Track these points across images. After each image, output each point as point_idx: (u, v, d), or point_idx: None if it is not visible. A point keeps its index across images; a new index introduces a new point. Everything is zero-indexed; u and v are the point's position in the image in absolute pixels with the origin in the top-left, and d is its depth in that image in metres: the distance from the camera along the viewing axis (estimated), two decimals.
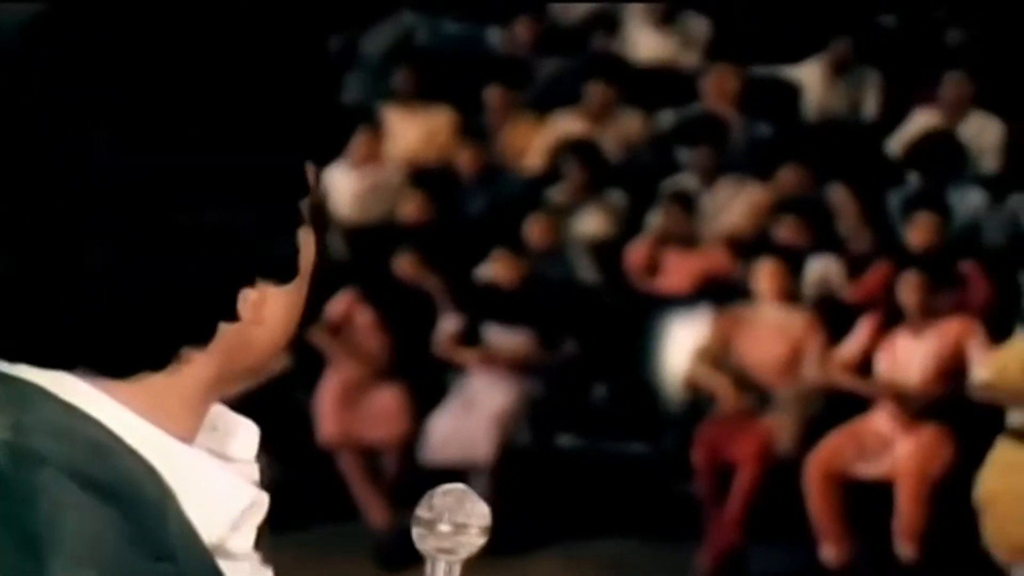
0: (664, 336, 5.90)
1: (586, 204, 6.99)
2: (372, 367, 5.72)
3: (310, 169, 0.94)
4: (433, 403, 5.71)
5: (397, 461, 5.66)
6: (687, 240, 6.39)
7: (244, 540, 0.94)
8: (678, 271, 6.23)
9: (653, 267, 6.38)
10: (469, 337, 5.75)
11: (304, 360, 5.89)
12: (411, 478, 5.65)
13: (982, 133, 7.18)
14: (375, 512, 5.58)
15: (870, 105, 8.03)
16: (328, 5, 8.81)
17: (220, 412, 0.99)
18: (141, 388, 0.90)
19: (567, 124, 7.80)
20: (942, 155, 6.67)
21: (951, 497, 4.98)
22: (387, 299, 5.80)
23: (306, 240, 0.94)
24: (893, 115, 7.67)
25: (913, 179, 6.98)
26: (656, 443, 5.65)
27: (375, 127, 7.67)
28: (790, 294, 5.53)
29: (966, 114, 7.22)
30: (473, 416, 5.57)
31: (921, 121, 7.37)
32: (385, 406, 5.67)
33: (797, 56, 8.25)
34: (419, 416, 5.68)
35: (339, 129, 1.00)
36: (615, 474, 5.67)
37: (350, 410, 5.65)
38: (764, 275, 5.51)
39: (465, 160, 7.41)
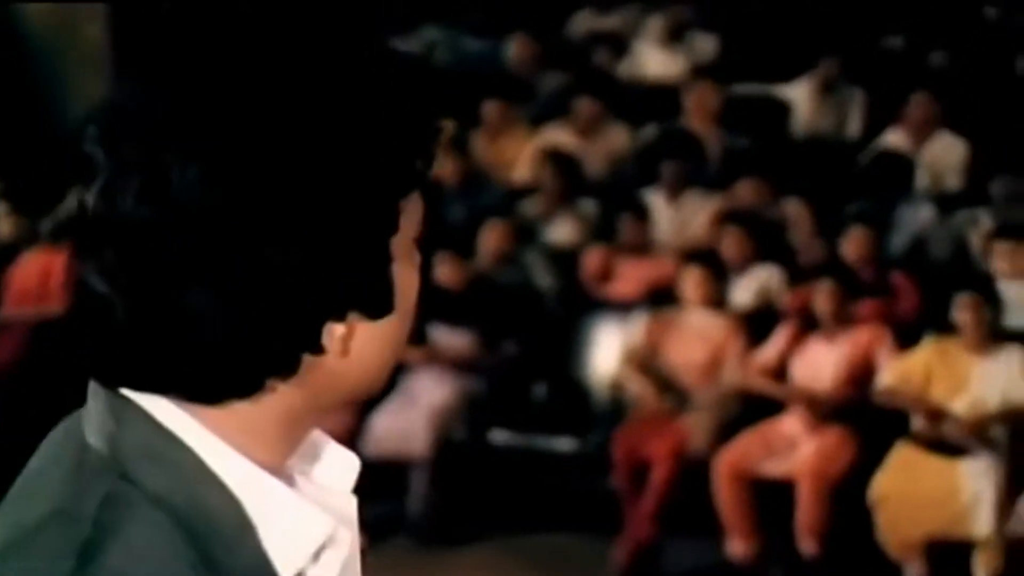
0: (601, 339, 6.14)
1: (559, 213, 7.26)
2: None
3: (414, 206, 0.96)
4: (381, 399, 6.00)
5: None
6: (640, 249, 6.63)
7: (325, 572, 0.95)
8: (629, 278, 6.48)
9: (606, 274, 6.63)
10: (415, 336, 6.03)
11: None
12: None
13: (946, 152, 7.36)
14: None
15: (854, 123, 8.22)
16: (356, 19, 9.22)
17: (322, 442, 1.03)
18: (230, 415, 0.93)
19: (554, 136, 8.08)
20: (891, 173, 6.88)
21: (856, 496, 5.16)
22: None
23: (404, 276, 0.96)
24: (875, 133, 7.86)
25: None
26: (586, 441, 5.90)
27: None
28: (715, 300, 5.76)
29: (932, 133, 7.40)
30: (413, 411, 5.85)
31: (889, 140, 7.57)
32: None
33: (795, 74, 8.46)
34: (365, 412, 5.97)
35: (427, 166, 0.97)
36: (548, 470, 5.93)
37: None
38: (689, 282, 5.74)
39: (447, 170, 7.71)
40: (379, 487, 5.97)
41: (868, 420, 5.34)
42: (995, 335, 5.18)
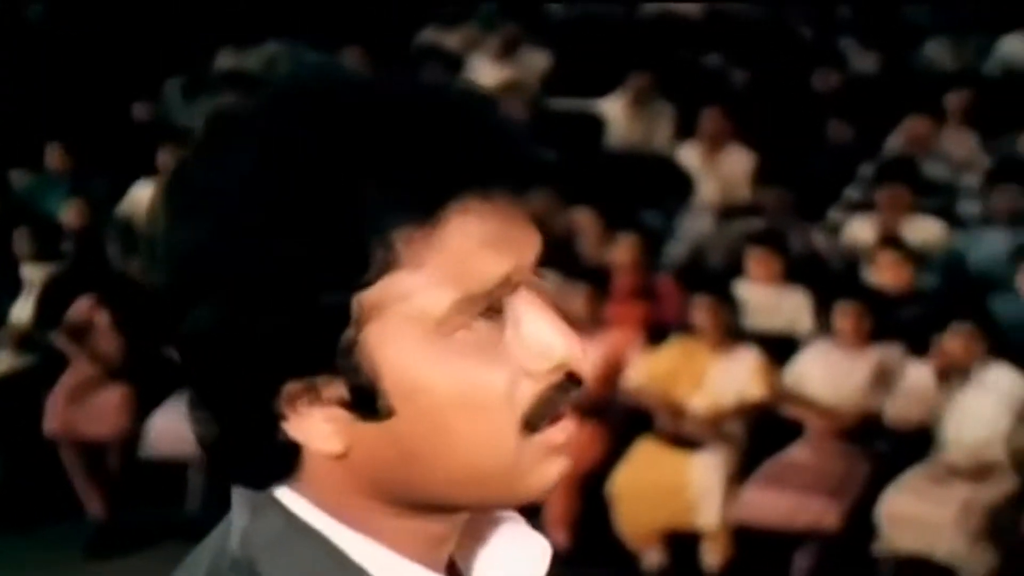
0: None
1: None
2: (105, 367, 6.14)
3: (437, 283, 0.81)
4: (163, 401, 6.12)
5: (118, 456, 6.07)
6: None
7: None
8: None
9: None
10: None
11: (49, 361, 6.31)
12: (133, 472, 6.08)
13: (735, 165, 7.64)
14: (94, 504, 5.99)
15: (663, 136, 8.50)
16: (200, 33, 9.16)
17: (510, 530, 0.96)
18: (345, 506, 0.86)
19: None
20: (674, 184, 7.17)
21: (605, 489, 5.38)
22: (124, 302, 6.22)
23: (410, 368, 0.82)
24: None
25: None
26: None
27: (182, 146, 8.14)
28: None
29: (723, 147, 7.69)
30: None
31: (684, 152, 7.85)
32: (109, 404, 6.08)
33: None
34: (146, 414, 6.09)
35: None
36: None
37: (75, 407, 6.06)
38: None
39: None
40: (157, 489, 6.10)
41: (619, 417, 5.56)
42: (736, 335, 5.43)
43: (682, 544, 5.25)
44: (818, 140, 7.75)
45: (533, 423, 0.84)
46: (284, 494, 0.87)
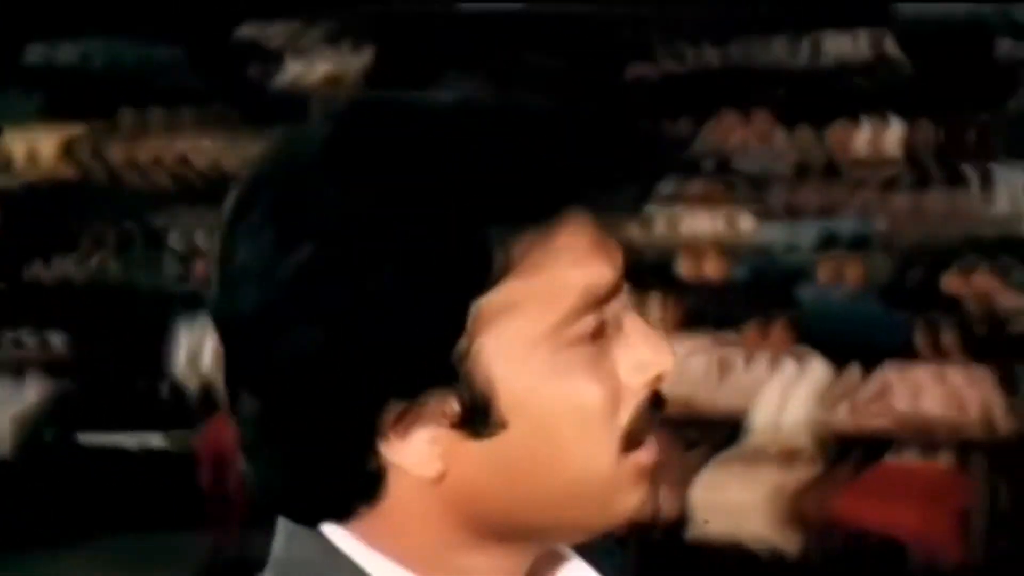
0: (197, 337, 6.25)
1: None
2: None
3: (537, 293, 0.79)
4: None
5: None
6: None
7: None
8: None
9: None
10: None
11: None
12: None
13: None
14: None
15: None
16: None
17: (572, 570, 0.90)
18: (390, 538, 0.82)
19: (186, 143, 8.18)
20: None
21: None
22: None
23: (520, 382, 0.79)
24: None
25: None
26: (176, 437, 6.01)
27: None
28: None
29: None
30: None
31: None
32: None
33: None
34: None
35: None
36: (140, 468, 5.99)
37: None
38: None
39: (70, 175, 7.73)
40: None
41: None
42: None
43: None
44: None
45: (631, 438, 0.83)
46: (326, 527, 0.84)
